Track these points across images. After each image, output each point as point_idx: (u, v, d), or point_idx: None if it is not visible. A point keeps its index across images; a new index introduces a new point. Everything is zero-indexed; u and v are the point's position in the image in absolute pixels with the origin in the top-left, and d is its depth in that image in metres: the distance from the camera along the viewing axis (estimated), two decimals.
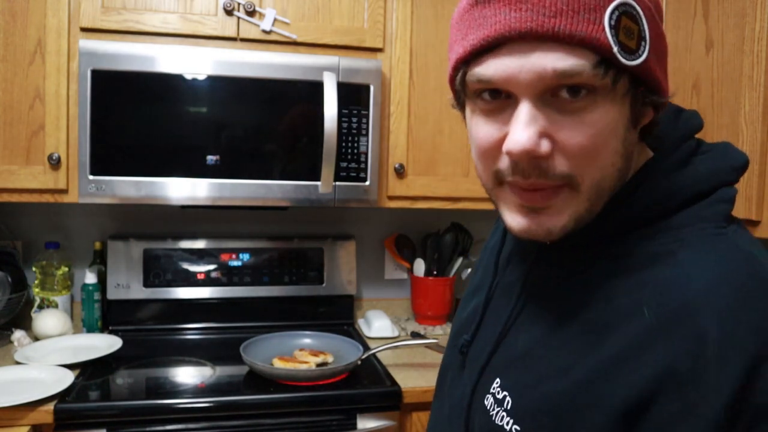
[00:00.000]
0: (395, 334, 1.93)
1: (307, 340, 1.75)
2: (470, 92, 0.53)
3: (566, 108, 0.49)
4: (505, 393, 0.58)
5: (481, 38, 0.49)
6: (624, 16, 0.47)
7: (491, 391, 0.60)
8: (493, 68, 0.49)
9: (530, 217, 0.53)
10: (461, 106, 0.58)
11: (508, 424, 0.56)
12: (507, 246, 0.71)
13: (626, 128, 0.51)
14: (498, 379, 0.60)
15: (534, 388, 0.55)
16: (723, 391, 0.44)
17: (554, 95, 0.49)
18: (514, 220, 0.55)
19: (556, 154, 0.50)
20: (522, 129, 0.49)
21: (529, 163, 0.50)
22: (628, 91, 0.50)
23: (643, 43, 0.48)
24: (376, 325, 1.91)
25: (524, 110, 0.49)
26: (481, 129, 0.54)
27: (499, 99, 0.51)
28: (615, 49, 0.47)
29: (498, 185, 0.55)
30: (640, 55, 0.48)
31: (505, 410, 0.57)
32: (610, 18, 0.47)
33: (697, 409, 0.45)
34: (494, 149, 0.52)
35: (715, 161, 0.55)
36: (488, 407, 0.59)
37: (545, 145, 0.49)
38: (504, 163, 0.52)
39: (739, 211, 1.23)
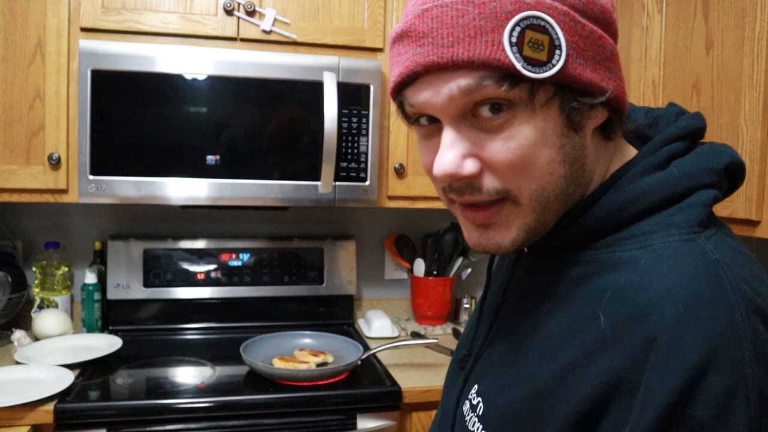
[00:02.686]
0: (395, 334, 1.93)
1: (307, 340, 1.75)
2: (410, 116, 0.55)
3: (488, 126, 0.50)
4: (479, 399, 0.58)
5: (398, 75, 0.52)
6: (529, 29, 0.47)
7: (469, 397, 0.61)
8: (414, 97, 0.52)
9: (480, 232, 0.55)
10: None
11: (478, 429, 0.57)
12: (499, 257, 0.72)
13: (562, 135, 0.51)
14: (476, 386, 0.61)
15: (500, 396, 0.55)
16: (658, 401, 0.43)
17: (475, 115, 0.50)
18: (467, 235, 0.57)
19: (486, 171, 0.51)
20: (444, 153, 0.51)
21: (459, 182, 0.52)
22: (551, 99, 0.50)
23: (557, 51, 0.48)
24: (376, 325, 1.91)
25: (446, 134, 0.51)
26: (422, 152, 0.57)
27: (434, 123, 0.53)
28: (519, 65, 0.47)
29: (450, 203, 0.57)
30: (553, 65, 0.48)
31: (477, 416, 0.58)
32: (510, 35, 0.47)
33: (637, 415, 0.44)
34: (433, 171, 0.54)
35: (692, 163, 0.53)
36: (465, 413, 0.60)
37: (470, 166, 0.51)
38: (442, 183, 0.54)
39: (739, 211, 1.22)
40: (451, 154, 0.51)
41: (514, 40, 0.47)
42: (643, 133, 0.60)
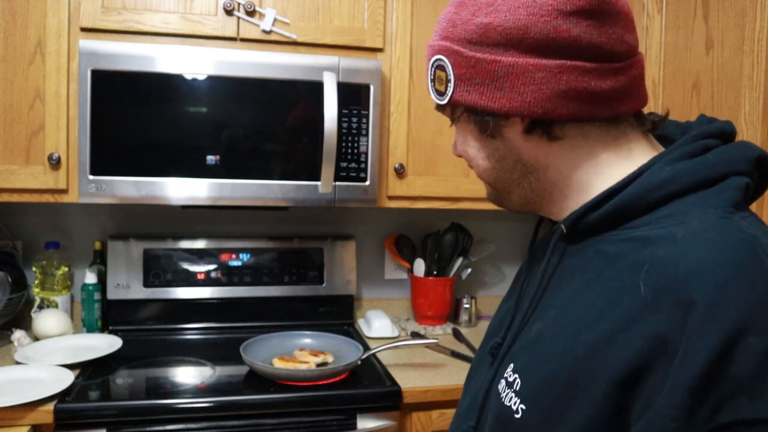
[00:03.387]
0: (395, 334, 1.93)
1: (307, 340, 1.75)
2: None
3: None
4: (516, 375, 0.62)
5: None
6: (437, 69, 0.65)
7: (505, 375, 0.64)
8: None
9: None
10: None
11: (515, 404, 0.60)
12: (536, 251, 0.77)
13: (480, 140, 0.66)
14: (512, 364, 0.64)
15: (538, 369, 0.59)
16: (700, 360, 0.46)
17: None
18: None
19: None
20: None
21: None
22: (463, 115, 0.66)
23: (449, 83, 0.63)
24: (376, 325, 1.91)
25: None
26: None
27: None
28: (433, 96, 0.67)
29: None
30: (446, 95, 0.64)
31: (515, 391, 0.61)
32: (430, 73, 0.66)
33: (676, 376, 0.47)
34: None
35: (726, 152, 0.58)
36: (500, 391, 0.63)
37: (456, 150, 0.72)
38: None
39: None
40: (454, 143, 0.73)
41: (432, 77, 0.66)
42: (673, 138, 0.66)
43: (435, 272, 2.05)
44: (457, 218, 2.12)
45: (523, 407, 0.59)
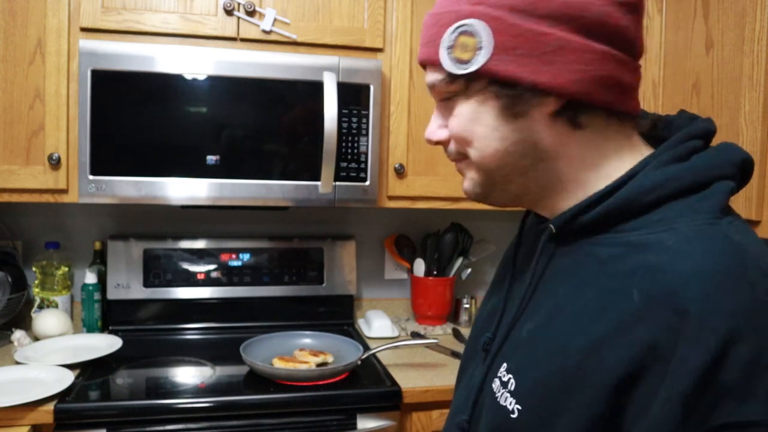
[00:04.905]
0: (395, 334, 1.93)
1: (307, 340, 1.75)
2: None
3: (448, 107, 0.65)
4: (510, 376, 0.62)
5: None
6: (462, 35, 0.60)
7: (498, 374, 0.65)
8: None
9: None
10: None
11: (511, 404, 0.61)
12: (523, 244, 0.77)
13: (498, 117, 0.61)
14: (505, 364, 0.64)
15: (533, 370, 0.60)
16: (695, 367, 0.48)
17: (444, 99, 0.65)
18: None
19: (451, 139, 0.66)
20: (429, 123, 0.68)
21: (435, 145, 0.69)
22: (485, 89, 0.61)
23: (479, 51, 0.59)
24: (376, 325, 1.91)
25: (434, 111, 0.68)
26: None
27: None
28: (447, 65, 0.61)
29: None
30: (473, 63, 0.59)
31: (509, 391, 0.62)
32: (448, 40, 0.61)
33: (672, 382, 0.49)
34: None
35: (713, 157, 0.59)
36: (495, 390, 0.64)
37: (440, 134, 0.67)
38: None
39: (739, 210, 1.22)
40: (432, 125, 0.68)
41: (450, 44, 0.60)
42: (659, 135, 0.66)
43: (435, 272, 2.05)
44: (457, 218, 2.12)
45: (519, 407, 0.60)
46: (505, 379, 0.63)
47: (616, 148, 0.63)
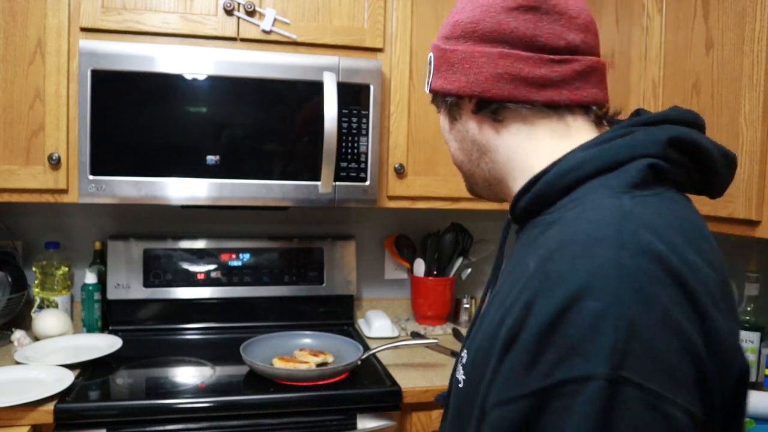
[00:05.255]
0: (395, 334, 1.93)
1: (307, 340, 1.75)
2: None
3: None
4: (465, 353, 0.69)
5: None
6: (428, 65, 0.75)
7: (462, 353, 0.71)
8: None
9: None
10: None
11: (460, 376, 0.67)
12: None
13: (450, 122, 0.75)
14: (469, 339, 0.72)
15: (473, 345, 0.66)
16: (540, 318, 0.51)
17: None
18: None
19: None
20: None
21: None
22: (441, 103, 0.75)
23: (430, 75, 0.74)
24: (376, 325, 1.91)
25: None
26: None
27: None
28: (426, 87, 0.76)
29: None
30: (428, 84, 0.75)
31: (462, 365, 0.68)
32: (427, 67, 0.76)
33: (524, 333, 0.52)
34: None
35: (636, 137, 0.61)
36: (458, 366, 0.70)
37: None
38: None
39: (739, 211, 1.23)
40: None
41: (428, 70, 0.75)
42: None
43: (435, 272, 2.05)
44: (457, 218, 2.12)
45: (464, 377, 0.66)
46: (463, 355, 0.70)
47: (550, 136, 0.67)
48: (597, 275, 0.50)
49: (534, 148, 0.68)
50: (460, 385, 0.66)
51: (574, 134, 0.67)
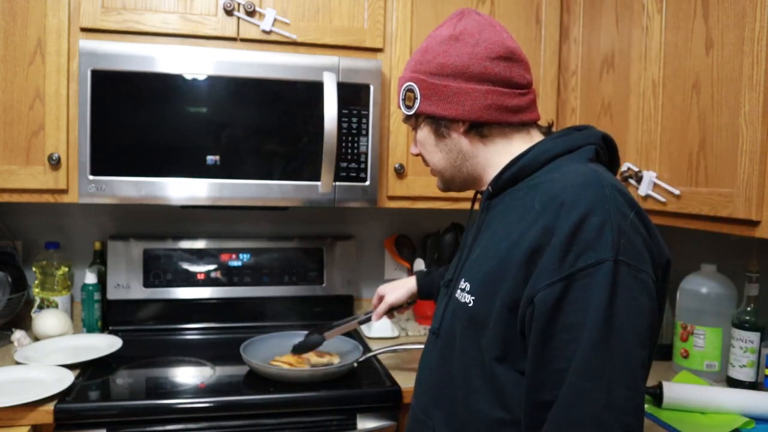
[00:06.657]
0: (395, 334, 1.93)
1: None
2: None
3: (415, 134, 1.05)
4: (467, 283, 0.92)
5: None
6: (407, 92, 0.99)
7: (460, 286, 0.93)
8: None
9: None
10: None
11: (467, 298, 0.90)
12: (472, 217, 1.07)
13: (435, 139, 0.99)
14: (462, 279, 0.93)
15: (480, 271, 0.90)
16: (565, 229, 0.78)
17: (413, 129, 1.05)
18: None
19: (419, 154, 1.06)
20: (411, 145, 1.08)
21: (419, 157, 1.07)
22: (424, 122, 0.99)
23: (416, 100, 0.97)
24: (376, 325, 1.91)
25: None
26: None
27: None
28: (402, 109, 1.01)
29: None
30: (414, 107, 0.98)
31: (466, 291, 0.91)
32: (402, 95, 1.00)
33: (554, 240, 0.78)
34: None
35: (581, 135, 0.94)
36: (458, 296, 0.93)
37: (414, 150, 1.06)
38: None
39: (739, 211, 1.22)
40: (412, 145, 1.07)
41: (403, 97, 1.00)
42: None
43: None
44: (457, 218, 2.12)
45: (473, 298, 0.89)
46: (462, 286, 0.92)
47: (519, 143, 0.97)
48: (595, 202, 0.78)
49: (508, 151, 0.97)
50: (470, 305, 0.89)
51: (534, 139, 0.98)
